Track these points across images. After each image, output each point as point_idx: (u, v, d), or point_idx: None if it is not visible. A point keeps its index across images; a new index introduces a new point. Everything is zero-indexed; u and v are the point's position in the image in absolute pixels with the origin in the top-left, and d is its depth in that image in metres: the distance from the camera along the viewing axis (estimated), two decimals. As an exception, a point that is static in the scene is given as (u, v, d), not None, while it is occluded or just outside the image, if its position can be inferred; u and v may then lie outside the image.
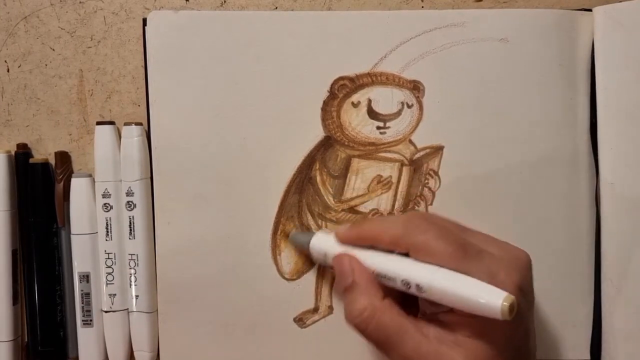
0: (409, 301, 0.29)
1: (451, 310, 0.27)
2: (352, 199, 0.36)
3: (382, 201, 0.36)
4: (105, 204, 0.35)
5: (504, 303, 0.24)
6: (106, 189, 0.35)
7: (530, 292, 0.28)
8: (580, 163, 0.37)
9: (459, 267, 0.26)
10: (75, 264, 0.36)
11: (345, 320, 0.29)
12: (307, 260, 0.36)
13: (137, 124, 0.35)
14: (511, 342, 0.27)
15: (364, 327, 0.28)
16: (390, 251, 0.29)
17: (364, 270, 0.29)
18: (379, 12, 0.35)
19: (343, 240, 0.31)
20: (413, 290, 0.27)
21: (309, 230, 0.36)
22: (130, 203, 0.35)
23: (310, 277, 0.36)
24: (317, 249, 0.33)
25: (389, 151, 0.36)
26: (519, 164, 0.36)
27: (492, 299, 0.25)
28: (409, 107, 0.36)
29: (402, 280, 0.28)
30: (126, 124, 0.35)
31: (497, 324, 0.25)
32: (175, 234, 0.35)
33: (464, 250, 0.27)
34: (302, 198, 0.36)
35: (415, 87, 0.36)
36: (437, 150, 0.36)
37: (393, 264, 0.29)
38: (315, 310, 0.36)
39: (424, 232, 0.28)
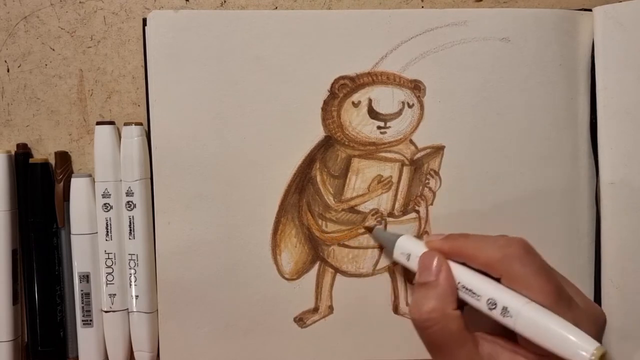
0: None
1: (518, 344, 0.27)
2: (352, 198, 0.36)
3: (383, 201, 0.36)
4: (105, 204, 0.35)
5: (595, 352, 0.23)
6: (106, 189, 0.35)
7: None
8: (580, 163, 0.37)
9: (551, 307, 0.26)
10: (75, 264, 0.36)
11: (409, 312, 0.29)
12: (307, 260, 0.36)
13: (137, 124, 0.35)
14: None
15: (427, 326, 0.28)
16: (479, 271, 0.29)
17: (450, 275, 0.29)
18: (379, 11, 0.35)
19: (433, 249, 0.31)
20: (496, 312, 0.27)
21: (313, 231, 0.36)
22: (130, 203, 0.35)
23: (310, 277, 0.36)
24: (401, 248, 0.32)
25: (390, 151, 0.36)
26: (519, 163, 0.36)
27: (584, 343, 0.24)
28: (410, 106, 0.36)
29: (489, 300, 0.27)
30: (126, 124, 0.35)
31: None
32: (175, 234, 0.35)
33: (559, 293, 0.27)
34: (302, 198, 0.36)
35: (416, 87, 0.36)
36: (438, 150, 0.36)
37: (482, 282, 0.28)
38: (315, 310, 0.36)
39: (524, 264, 0.27)
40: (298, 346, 0.36)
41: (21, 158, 0.36)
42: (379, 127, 0.36)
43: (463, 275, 0.29)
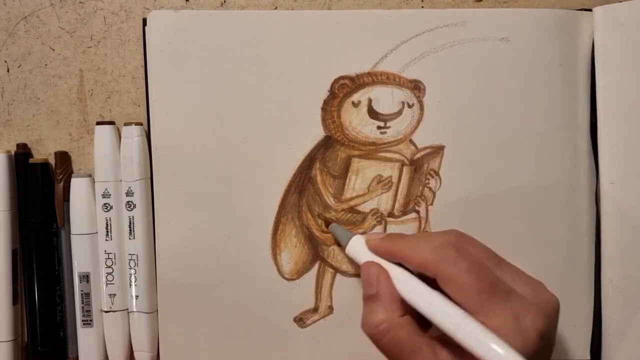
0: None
1: None
2: (352, 198, 0.36)
3: (382, 201, 0.36)
4: (105, 204, 0.35)
5: None
6: (106, 189, 0.35)
7: (552, 338, 0.28)
8: (580, 163, 0.37)
9: (484, 304, 0.26)
10: (75, 264, 0.36)
11: (362, 327, 0.30)
12: (307, 260, 0.36)
13: (137, 124, 0.35)
14: None
15: (378, 339, 0.29)
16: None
17: (389, 284, 0.30)
18: (379, 12, 0.35)
19: (373, 250, 0.32)
20: (436, 324, 0.27)
21: (313, 231, 0.36)
22: (130, 203, 0.35)
23: (310, 277, 0.36)
24: (351, 252, 0.33)
25: (390, 151, 0.36)
26: (519, 163, 0.36)
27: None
28: (410, 106, 0.36)
29: (428, 317, 0.28)
30: (126, 124, 0.35)
31: None
32: (175, 234, 0.35)
33: (493, 287, 0.27)
34: (302, 198, 0.36)
35: (416, 87, 0.36)
36: (438, 150, 0.36)
37: (421, 295, 0.28)
38: (315, 310, 0.36)
39: (454, 263, 0.28)
40: (298, 346, 0.36)
41: (21, 158, 0.36)
42: (378, 127, 0.36)
43: (403, 286, 0.29)
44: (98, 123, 0.36)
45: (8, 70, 0.37)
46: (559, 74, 0.36)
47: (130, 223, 0.35)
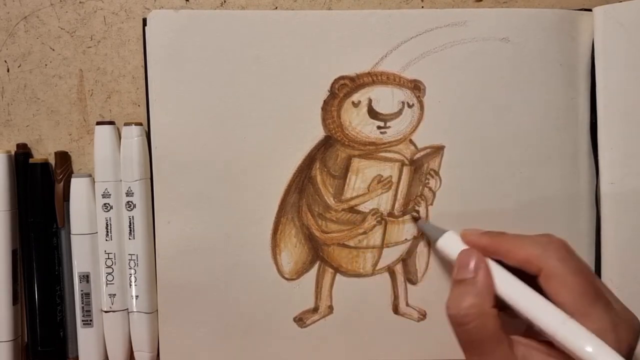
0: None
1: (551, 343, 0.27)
2: (352, 198, 0.36)
3: (382, 201, 0.36)
4: (105, 204, 0.35)
5: None
6: (106, 189, 0.35)
7: (631, 357, 0.28)
8: (580, 163, 0.37)
9: (586, 307, 0.26)
10: (75, 264, 0.36)
11: (447, 308, 0.29)
12: (307, 260, 0.36)
13: (137, 124, 0.35)
14: None
15: (465, 322, 0.28)
16: (514, 269, 0.29)
17: (488, 274, 0.29)
18: (379, 12, 0.35)
19: (471, 244, 0.31)
20: (533, 322, 0.27)
21: (313, 231, 0.36)
22: (130, 203, 0.35)
23: (310, 277, 0.36)
24: (443, 246, 0.33)
25: (390, 151, 0.36)
26: (519, 163, 0.36)
27: None
28: (410, 106, 0.36)
29: (526, 318, 0.27)
30: (126, 124, 0.35)
31: None
32: (175, 234, 0.35)
33: (596, 293, 0.27)
34: (302, 198, 0.36)
35: (416, 87, 0.36)
36: (438, 150, 0.36)
37: (521, 293, 0.28)
38: (315, 310, 0.36)
39: (563, 262, 0.27)
40: (298, 346, 0.36)
41: (21, 158, 0.36)
42: (379, 127, 0.36)
43: (502, 284, 0.29)
44: (98, 123, 0.36)
45: (8, 70, 0.37)
46: (559, 73, 0.36)
47: (130, 223, 0.35)
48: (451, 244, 0.32)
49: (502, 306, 0.28)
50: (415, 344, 0.37)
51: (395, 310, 0.37)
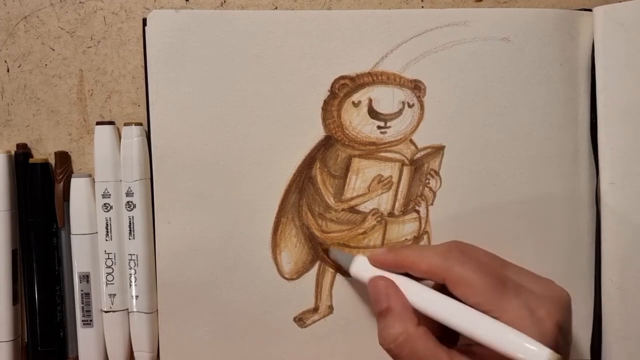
0: (443, 329, 0.29)
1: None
2: (352, 198, 0.36)
3: (383, 201, 0.36)
4: (105, 204, 0.35)
5: (550, 358, 0.24)
6: (106, 189, 0.35)
7: (569, 333, 0.28)
8: (580, 163, 0.37)
9: (497, 301, 0.27)
10: (75, 264, 0.36)
11: (379, 343, 0.29)
12: (307, 260, 0.36)
13: (137, 124, 0.35)
14: None
15: (397, 353, 0.28)
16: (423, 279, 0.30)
17: (400, 295, 0.29)
18: (379, 11, 0.35)
19: (377, 265, 0.31)
20: (452, 327, 0.28)
21: (313, 231, 0.36)
22: (130, 203, 0.35)
23: (310, 276, 0.36)
24: (356, 272, 0.33)
25: (390, 151, 0.36)
26: (519, 163, 0.36)
27: (535, 355, 0.24)
28: (410, 106, 0.36)
29: (443, 321, 0.28)
30: (126, 124, 0.35)
31: None
32: (175, 234, 0.35)
33: (503, 284, 0.27)
34: (302, 198, 0.36)
35: (416, 87, 0.36)
36: (438, 150, 0.36)
37: (433, 302, 0.29)
38: (315, 310, 0.36)
39: (462, 264, 0.28)
40: (298, 346, 0.36)
41: (21, 158, 0.36)
42: (379, 127, 0.36)
43: (413, 294, 0.29)
44: (98, 123, 0.36)
45: (8, 70, 0.37)
46: (559, 73, 0.36)
47: (130, 223, 0.35)
48: (363, 269, 0.32)
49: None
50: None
51: (396, 310, 0.37)
